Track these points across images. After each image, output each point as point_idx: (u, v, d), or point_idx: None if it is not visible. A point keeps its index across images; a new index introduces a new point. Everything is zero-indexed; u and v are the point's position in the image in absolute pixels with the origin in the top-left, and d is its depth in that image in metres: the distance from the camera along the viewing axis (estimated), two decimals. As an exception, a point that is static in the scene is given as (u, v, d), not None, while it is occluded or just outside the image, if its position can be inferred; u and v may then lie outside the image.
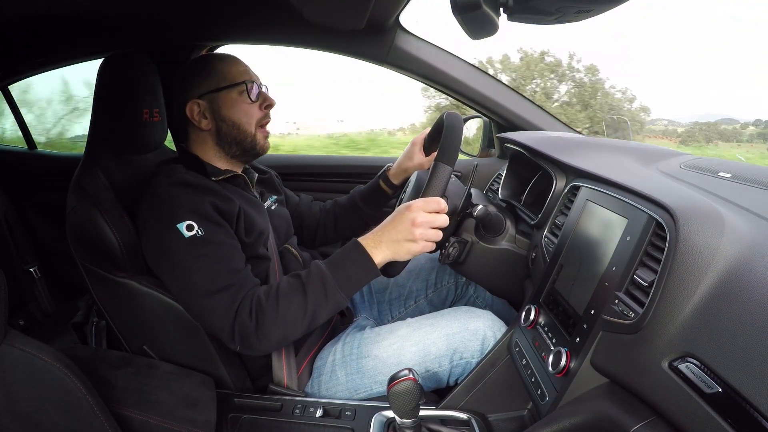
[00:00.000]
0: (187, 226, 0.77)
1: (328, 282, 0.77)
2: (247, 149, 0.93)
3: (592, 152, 0.91)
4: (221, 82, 0.90)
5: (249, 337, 0.75)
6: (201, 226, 0.78)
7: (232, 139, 0.91)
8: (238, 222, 0.86)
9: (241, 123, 0.91)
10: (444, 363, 0.87)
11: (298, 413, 0.83)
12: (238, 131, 0.91)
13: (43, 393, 0.63)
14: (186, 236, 0.77)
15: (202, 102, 0.90)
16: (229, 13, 1.18)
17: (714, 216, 0.52)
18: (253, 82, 0.91)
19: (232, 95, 0.90)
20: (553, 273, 0.74)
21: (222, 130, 0.91)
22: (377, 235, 0.80)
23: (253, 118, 0.91)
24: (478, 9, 0.51)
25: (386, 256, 0.79)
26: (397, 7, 1.06)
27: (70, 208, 0.87)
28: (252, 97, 0.91)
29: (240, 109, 0.90)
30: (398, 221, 0.78)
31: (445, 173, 0.79)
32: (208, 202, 0.81)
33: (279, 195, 1.09)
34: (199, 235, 0.77)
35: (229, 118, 0.90)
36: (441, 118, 0.91)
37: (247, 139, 0.92)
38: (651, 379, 0.48)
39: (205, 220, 0.79)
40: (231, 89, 0.90)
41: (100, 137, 0.93)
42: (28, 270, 1.50)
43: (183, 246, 0.77)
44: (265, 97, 0.94)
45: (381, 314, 1.15)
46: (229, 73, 0.90)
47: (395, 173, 1.12)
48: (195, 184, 0.83)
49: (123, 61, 0.92)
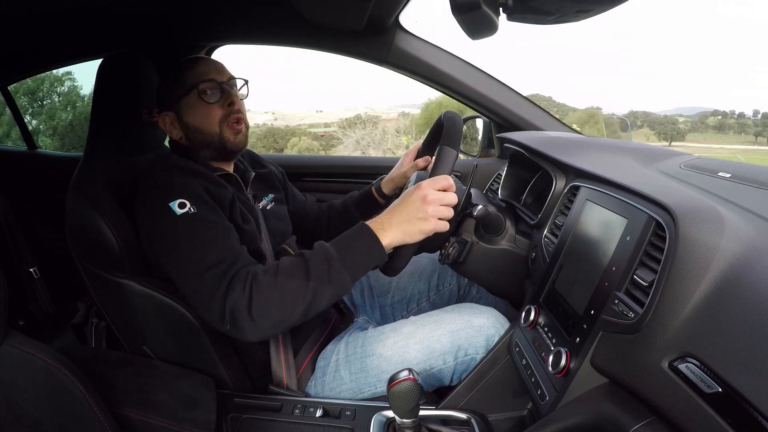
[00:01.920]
0: (179, 203, 0.77)
1: (332, 261, 0.74)
2: (219, 149, 0.90)
3: (592, 152, 0.91)
4: (179, 90, 0.88)
5: (240, 314, 0.71)
6: (193, 204, 0.78)
7: (200, 143, 0.90)
8: (233, 208, 0.85)
9: (203, 126, 0.88)
10: (449, 360, 0.87)
11: (298, 413, 0.83)
12: (203, 135, 0.89)
13: (43, 393, 0.63)
14: (178, 213, 0.76)
15: (170, 113, 0.90)
16: (229, 13, 1.18)
17: (714, 216, 0.52)
18: (210, 81, 0.88)
19: (190, 100, 0.88)
20: (553, 273, 0.74)
21: (189, 137, 0.90)
22: (385, 217, 0.77)
23: (214, 119, 0.88)
24: (478, 9, 0.51)
25: (395, 237, 0.76)
26: (396, 8, 1.06)
27: (69, 208, 0.87)
28: (207, 99, 0.87)
29: (199, 113, 0.88)
30: (407, 201, 0.76)
31: (451, 155, 0.79)
32: (200, 185, 0.81)
33: (278, 193, 1.08)
34: (191, 212, 0.77)
35: (192, 125, 0.89)
36: (440, 118, 0.91)
37: (214, 140, 0.89)
38: (651, 379, 0.48)
39: (198, 199, 0.79)
40: (188, 95, 0.88)
41: (99, 137, 0.93)
42: (28, 270, 1.50)
43: (175, 223, 0.76)
44: (228, 94, 0.89)
45: (383, 317, 1.15)
46: (185, 78, 0.88)
47: (385, 182, 1.12)
48: (188, 168, 0.84)
49: (123, 61, 0.92)
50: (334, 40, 1.21)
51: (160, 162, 0.87)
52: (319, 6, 0.94)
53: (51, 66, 1.38)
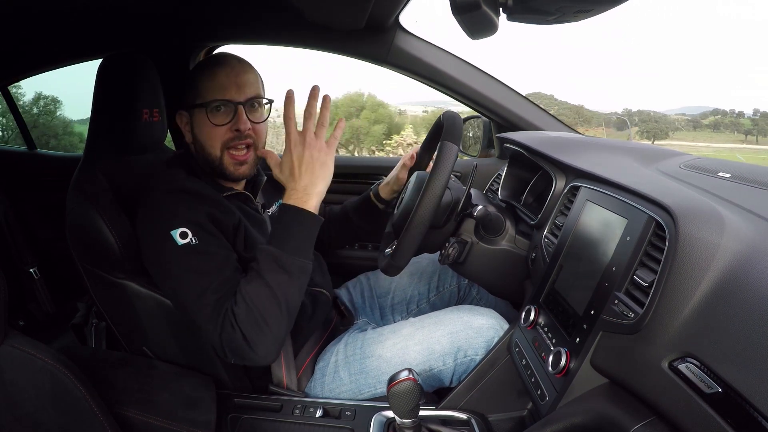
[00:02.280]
0: (181, 233, 0.75)
1: (279, 257, 0.73)
2: (218, 173, 0.87)
3: (592, 152, 0.91)
4: (196, 98, 0.84)
5: (240, 348, 0.73)
6: (195, 234, 0.76)
7: (202, 159, 0.87)
8: (237, 235, 0.84)
9: (205, 145, 0.85)
10: (448, 361, 0.87)
11: (298, 413, 0.83)
12: (204, 152, 0.86)
13: (43, 393, 0.63)
14: (179, 244, 0.75)
15: (185, 113, 0.88)
16: (229, 13, 1.18)
17: (714, 216, 0.52)
18: (224, 101, 0.82)
19: (201, 114, 0.84)
20: (553, 273, 0.74)
21: (195, 148, 0.89)
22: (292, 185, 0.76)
23: (216, 140, 0.84)
24: (478, 9, 0.51)
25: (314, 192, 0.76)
26: (396, 7, 1.06)
27: (69, 208, 0.87)
28: (213, 119, 0.83)
29: (203, 131, 0.85)
30: (294, 163, 0.76)
31: (452, 151, 0.78)
32: (205, 213, 0.79)
33: None
34: (192, 243, 0.75)
35: (198, 138, 0.87)
36: (439, 118, 0.91)
37: (214, 162, 0.86)
38: (651, 380, 0.48)
39: (200, 229, 0.77)
40: (200, 108, 0.84)
41: (99, 137, 0.93)
42: (28, 270, 1.50)
43: (176, 253, 0.75)
44: (238, 118, 0.83)
45: (383, 318, 1.15)
46: (202, 89, 0.84)
47: (383, 187, 1.10)
48: (194, 192, 0.81)
49: (123, 61, 0.92)
50: (334, 40, 1.21)
51: (166, 177, 0.84)
52: (319, 6, 0.94)
53: (51, 66, 1.38)
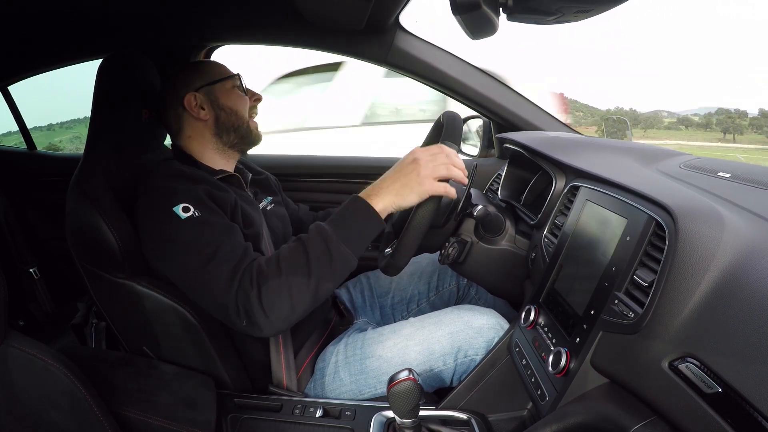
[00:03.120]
0: (183, 207, 0.78)
1: (329, 237, 0.73)
2: (244, 136, 0.96)
3: (592, 152, 0.91)
4: (216, 76, 0.95)
5: (253, 310, 0.71)
6: (197, 208, 0.78)
7: (231, 125, 0.94)
8: (235, 213, 0.86)
9: (239, 109, 0.95)
10: (449, 361, 0.87)
11: (298, 413, 0.83)
12: (236, 117, 0.95)
13: (43, 393, 0.63)
14: (183, 217, 0.77)
15: (199, 94, 0.92)
16: (229, 13, 1.18)
17: (714, 216, 0.52)
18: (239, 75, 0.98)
19: (227, 86, 0.95)
20: (553, 273, 0.74)
21: (221, 118, 0.94)
22: (377, 183, 0.77)
23: (245, 107, 0.97)
24: (478, 9, 0.51)
25: (388, 201, 0.75)
26: (396, 8, 1.06)
27: (69, 208, 0.87)
28: (240, 90, 0.97)
29: (236, 98, 0.96)
30: (399, 165, 0.76)
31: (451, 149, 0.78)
32: (202, 190, 0.82)
33: (275, 196, 1.09)
34: (196, 215, 0.77)
35: (227, 106, 0.94)
36: (439, 118, 0.91)
37: (243, 125, 0.95)
38: (651, 380, 0.48)
39: (201, 203, 0.79)
40: (225, 81, 0.95)
41: (99, 137, 0.93)
42: (28, 270, 1.50)
43: (181, 227, 0.76)
44: (253, 92, 1.00)
45: (384, 318, 1.15)
46: (221, 68, 0.97)
47: None
48: (190, 174, 0.85)
49: (123, 61, 0.92)
50: (334, 40, 1.21)
51: (161, 167, 0.87)
52: (319, 6, 0.94)
53: (51, 66, 1.38)
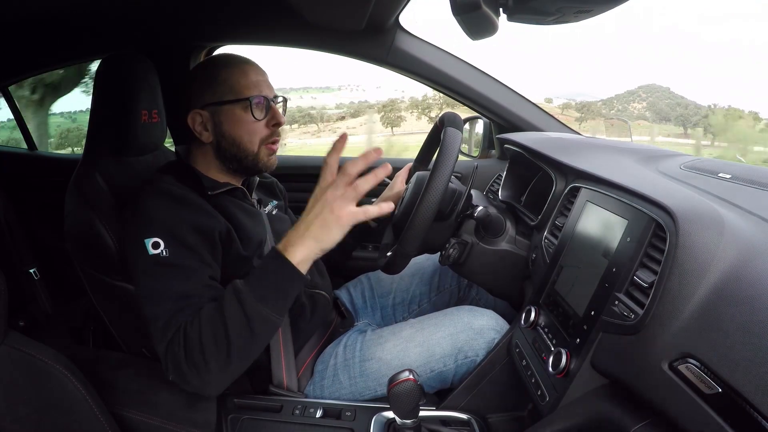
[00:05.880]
0: (153, 243, 0.73)
1: (243, 299, 0.68)
2: (248, 167, 0.87)
3: (592, 153, 0.91)
4: (226, 95, 0.83)
5: (179, 369, 0.68)
6: (168, 246, 0.73)
7: (232, 156, 0.85)
8: (229, 239, 0.82)
9: (242, 141, 0.84)
10: (449, 363, 0.87)
11: (298, 414, 0.83)
12: (238, 149, 0.85)
13: (43, 394, 0.63)
14: (150, 253, 0.73)
15: (204, 113, 0.84)
16: (229, 14, 1.18)
17: (714, 217, 0.52)
18: (262, 97, 0.83)
19: (235, 111, 0.83)
20: (553, 274, 0.74)
21: (221, 145, 0.85)
22: (292, 231, 0.71)
23: (256, 137, 0.84)
24: (478, 9, 0.51)
25: (308, 249, 0.69)
26: (396, 8, 1.06)
27: (67, 210, 0.87)
28: (257, 114, 0.83)
29: (242, 127, 0.83)
30: (308, 211, 0.70)
31: (456, 136, 0.78)
32: (189, 222, 0.76)
33: (279, 201, 1.07)
34: (162, 255, 0.73)
35: (230, 135, 0.84)
36: (440, 118, 0.91)
37: (248, 158, 0.85)
38: (651, 380, 0.48)
39: (174, 240, 0.74)
40: (235, 104, 0.82)
41: (98, 139, 0.93)
42: (28, 271, 1.50)
43: (144, 261, 0.74)
44: (275, 113, 0.85)
45: (385, 319, 1.14)
46: (236, 85, 0.83)
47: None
48: (176, 196, 0.79)
49: (122, 61, 0.92)
50: (334, 41, 1.21)
51: (154, 181, 0.82)
52: (319, 7, 0.94)
53: (51, 66, 1.39)
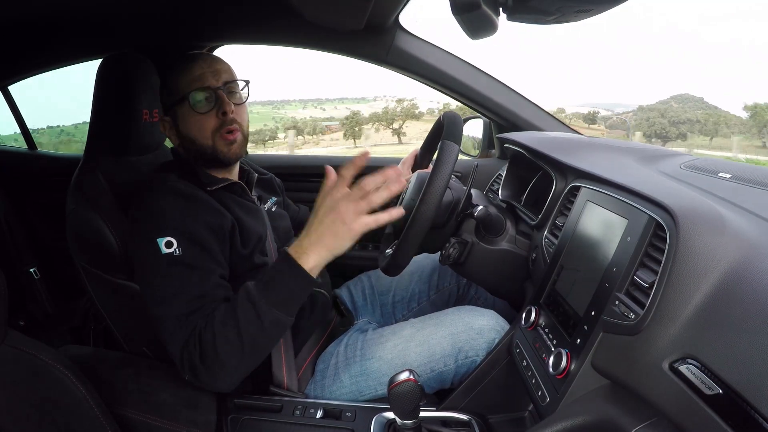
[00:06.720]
0: (167, 242, 0.74)
1: (257, 303, 0.70)
2: (212, 160, 0.87)
3: (592, 153, 0.91)
4: (173, 96, 0.85)
5: (196, 368, 0.71)
6: (181, 245, 0.75)
7: (196, 153, 0.86)
8: (233, 235, 0.83)
9: (196, 138, 0.85)
10: (449, 362, 0.87)
11: (299, 414, 0.83)
12: (196, 146, 0.85)
13: (44, 393, 0.63)
14: (163, 252, 0.74)
15: (167, 118, 0.87)
16: (229, 14, 1.18)
17: (714, 217, 0.52)
18: (205, 88, 0.83)
19: (183, 109, 0.84)
20: (554, 274, 0.74)
21: (185, 146, 0.87)
22: (304, 237, 0.72)
23: (206, 130, 0.84)
24: (478, 9, 0.51)
25: (321, 257, 0.71)
26: (396, 8, 1.06)
27: (69, 209, 0.87)
28: (199, 108, 0.83)
29: (191, 124, 0.84)
30: (320, 218, 0.71)
31: (453, 150, 0.78)
32: (201, 220, 0.78)
33: (279, 197, 1.08)
34: (176, 254, 0.74)
35: (186, 134, 0.86)
36: (440, 118, 0.91)
37: (207, 152, 0.85)
38: (651, 381, 0.48)
39: (187, 240, 0.75)
40: (180, 104, 0.84)
41: (99, 138, 0.93)
42: (28, 270, 1.50)
43: (157, 261, 0.74)
44: (221, 102, 0.84)
45: (384, 317, 1.15)
46: (179, 85, 0.84)
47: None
48: (186, 194, 0.80)
49: (122, 61, 0.92)
50: (334, 41, 1.21)
51: (158, 179, 0.83)
52: (319, 6, 0.94)
53: (51, 66, 1.38)
